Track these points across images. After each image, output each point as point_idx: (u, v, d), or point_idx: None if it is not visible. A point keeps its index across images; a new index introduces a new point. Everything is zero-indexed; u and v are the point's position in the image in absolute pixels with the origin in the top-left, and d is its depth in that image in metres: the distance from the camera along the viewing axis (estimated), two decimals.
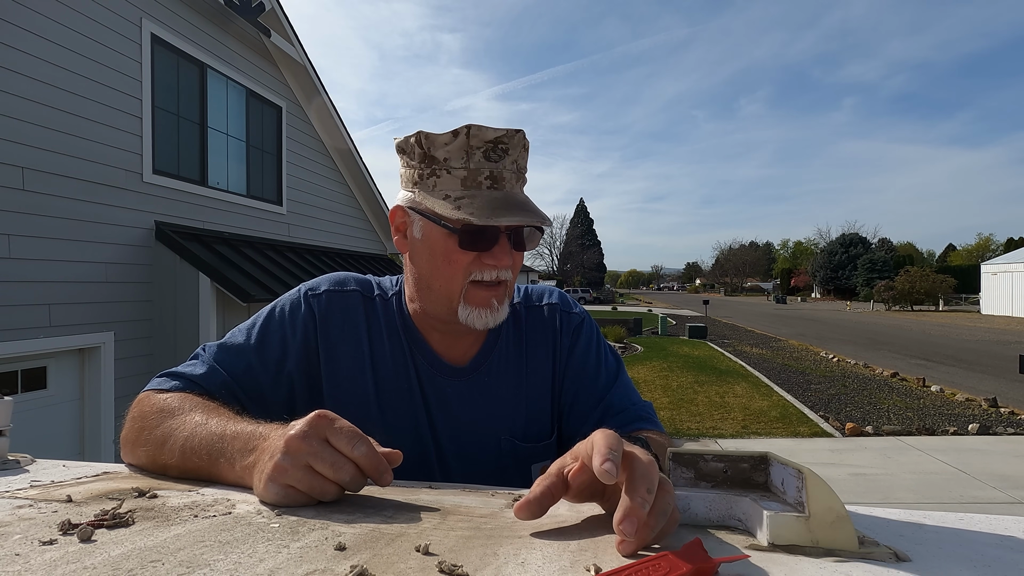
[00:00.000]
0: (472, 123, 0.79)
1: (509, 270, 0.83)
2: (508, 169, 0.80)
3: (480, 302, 0.82)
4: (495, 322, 0.84)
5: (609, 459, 0.47)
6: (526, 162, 0.84)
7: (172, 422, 0.71)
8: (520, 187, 0.83)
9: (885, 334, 20.21)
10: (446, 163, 0.80)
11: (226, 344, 0.87)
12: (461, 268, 0.81)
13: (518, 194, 0.82)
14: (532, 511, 0.50)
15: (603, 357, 0.97)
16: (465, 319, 0.83)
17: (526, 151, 0.83)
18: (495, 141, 0.79)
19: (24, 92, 3.82)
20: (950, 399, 9.10)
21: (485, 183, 0.79)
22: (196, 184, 5.47)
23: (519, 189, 0.83)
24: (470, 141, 0.78)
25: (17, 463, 0.71)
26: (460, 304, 0.82)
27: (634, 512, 0.45)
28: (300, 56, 6.93)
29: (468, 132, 0.78)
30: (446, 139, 0.80)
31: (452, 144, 0.79)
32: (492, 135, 0.78)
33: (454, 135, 0.79)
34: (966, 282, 45.92)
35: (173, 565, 0.42)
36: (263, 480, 0.56)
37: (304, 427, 0.57)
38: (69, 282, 4.17)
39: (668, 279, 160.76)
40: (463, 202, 0.78)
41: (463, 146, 0.79)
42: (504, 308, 0.85)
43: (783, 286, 77.82)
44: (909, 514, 0.55)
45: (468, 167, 0.79)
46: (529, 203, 0.81)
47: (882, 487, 5.31)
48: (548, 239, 77.05)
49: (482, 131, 0.78)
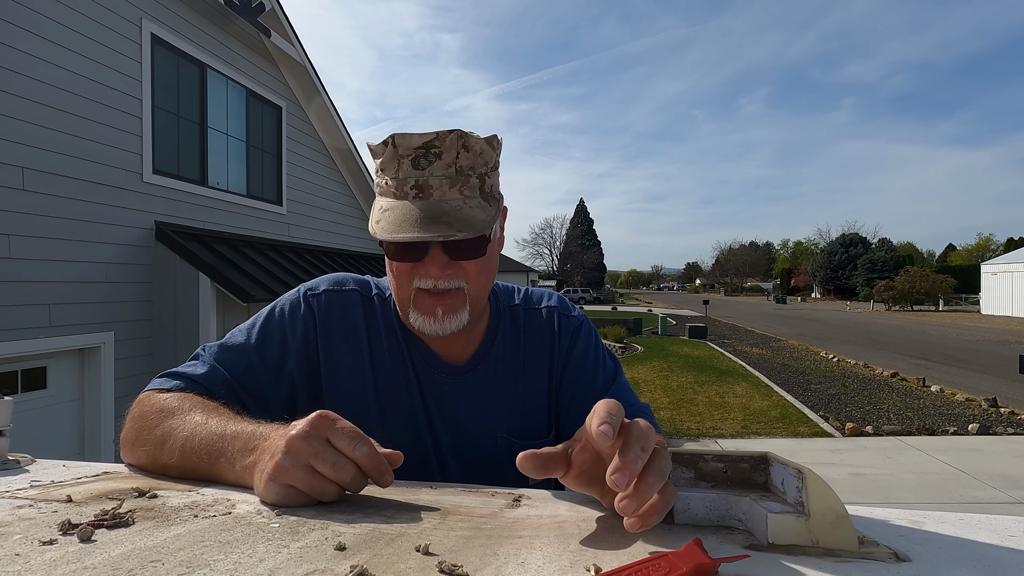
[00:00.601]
0: (398, 132, 0.78)
1: (455, 278, 0.80)
2: (438, 175, 0.77)
3: (425, 310, 0.82)
4: (444, 330, 0.82)
5: (607, 422, 0.47)
6: (476, 158, 0.79)
7: (172, 422, 0.71)
8: (460, 190, 0.78)
9: (885, 334, 20.21)
10: (383, 174, 0.80)
11: (226, 344, 0.88)
12: (404, 276, 0.82)
13: (445, 202, 0.77)
14: (533, 462, 0.52)
15: (601, 360, 0.97)
16: (416, 325, 0.83)
17: (470, 149, 0.78)
18: (424, 147, 0.77)
19: (24, 92, 3.82)
20: (950, 399, 9.10)
21: (411, 193, 0.78)
22: (196, 184, 5.47)
23: (455, 194, 0.78)
24: (397, 151, 0.78)
25: (17, 463, 0.71)
26: (411, 310, 0.83)
27: (626, 465, 0.45)
28: (300, 56, 6.93)
29: (394, 141, 0.78)
30: (379, 150, 0.80)
31: (384, 155, 0.79)
32: (418, 141, 0.77)
33: (384, 145, 0.79)
34: (966, 282, 45.93)
35: (173, 565, 0.42)
36: (264, 480, 0.56)
37: (305, 427, 0.57)
38: (69, 282, 4.17)
39: (668, 279, 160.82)
40: (384, 215, 0.78)
41: (393, 156, 0.78)
42: (458, 317, 0.82)
43: (783, 286, 77.85)
44: (909, 514, 0.55)
45: (398, 177, 0.78)
46: (452, 212, 0.76)
47: (882, 487, 5.31)
48: (548, 239, 77.10)
49: (407, 138, 0.77)
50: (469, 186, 0.79)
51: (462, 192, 0.78)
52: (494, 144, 0.82)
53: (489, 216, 0.79)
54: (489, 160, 0.81)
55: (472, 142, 0.78)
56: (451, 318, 0.82)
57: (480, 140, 0.79)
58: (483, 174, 0.81)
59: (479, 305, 0.86)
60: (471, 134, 0.78)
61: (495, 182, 0.84)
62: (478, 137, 0.79)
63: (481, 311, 0.90)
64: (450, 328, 0.82)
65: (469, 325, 0.85)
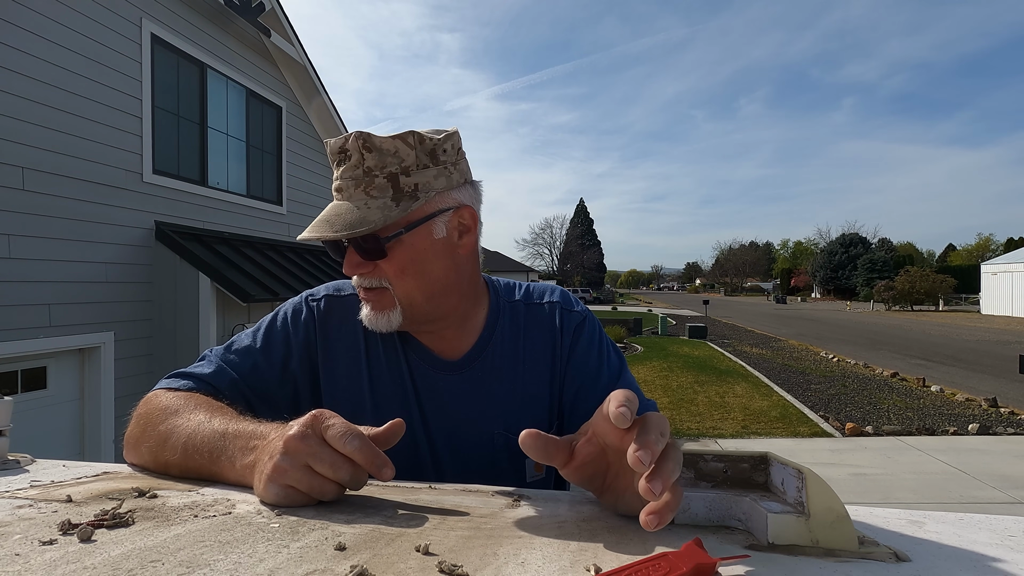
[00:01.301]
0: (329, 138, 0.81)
1: (374, 277, 0.82)
2: (347, 177, 0.79)
3: (363, 306, 0.86)
4: (380, 327, 0.84)
5: (625, 405, 0.47)
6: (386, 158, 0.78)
7: (176, 420, 0.71)
8: (364, 191, 0.79)
9: (885, 334, 20.21)
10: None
11: (233, 346, 0.90)
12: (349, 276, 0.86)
13: (346, 203, 0.79)
14: (536, 442, 0.52)
15: (605, 356, 0.96)
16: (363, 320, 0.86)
17: (374, 150, 0.78)
18: (339, 151, 0.80)
19: (24, 92, 3.82)
20: (950, 399, 9.10)
21: (335, 195, 0.82)
22: (196, 184, 5.47)
23: (360, 195, 0.79)
24: (329, 155, 0.82)
25: (17, 463, 0.71)
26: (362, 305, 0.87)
27: (649, 445, 0.44)
28: (300, 56, 6.93)
29: (328, 147, 0.82)
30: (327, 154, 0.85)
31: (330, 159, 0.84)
32: (336, 145, 0.80)
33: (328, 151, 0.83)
34: (966, 282, 45.94)
35: (173, 565, 0.42)
36: (263, 481, 0.56)
37: (301, 427, 0.57)
38: (69, 282, 4.17)
39: (668, 279, 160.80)
40: None
41: (331, 159, 0.83)
42: (387, 316, 0.83)
43: (783, 286, 77.84)
44: (909, 514, 0.55)
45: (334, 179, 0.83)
46: (345, 213, 0.78)
47: (882, 487, 5.31)
48: (548, 239, 77.11)
49: (331, 143, 0.81)
50: (376, 187, 0.79)
51: (368, 192, 0.79)
52: (410, 142, 0.79)
53: (385, 216, 0.77)
54: (405, 158, 0.79)
55: (377, 142, 0.78)
56: (380, 316, 0.84)
57: (389, 139, 0.78)
58: (395, 173, 0.79)
59: (415, 308, 0.84)
60: (375, 135, 0.78)
61: (423, 180, 0.80)
62: (386, 137, 0.79)
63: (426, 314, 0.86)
64: (382, 326, 0.84)
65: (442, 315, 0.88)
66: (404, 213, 0.78)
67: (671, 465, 0.46)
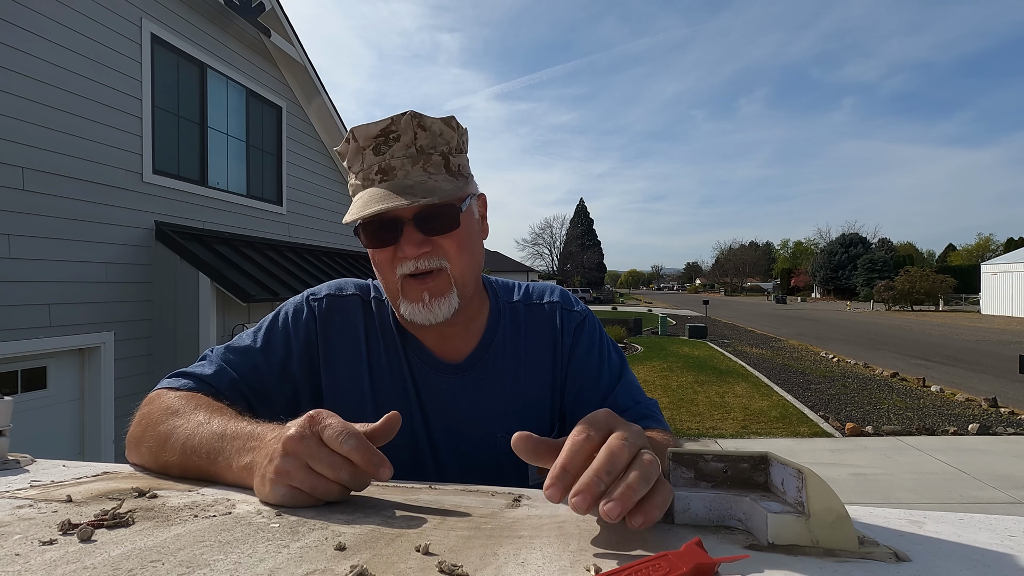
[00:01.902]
0: (356, 125, 0.79)
1: (434, 257, 0.80)
2: (399, 156, 0.78)
3: (413, 296, 0.82)
4: (435, 316, 0.81)
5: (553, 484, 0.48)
6: (436, 137, 0.80)
7: (176, 421, 0.71)
8: (423, 168, 0.79)
9: (885, 334, 20.21)
10: (351, 171, 0.82)
11: (233, 346, 0.90)
12: (386, 265, 0.82)
13: (410, 178, 0.77)
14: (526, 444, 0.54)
15: (606, 355, 0.96)
16: (409, 315, 0.83)
17: (427, 128, 0.79)
18: (382, 133, 0.79)
19: (24, 92, 3.82)
20: (950, 399, 9.10)
21: (376, 178, 0.79)
22: (196, 184, 5.47)
23: (419, 171, 0.78)
24: (359, 143, 0.80)
25: (17, 463, 0.71)
26: (400, 300, 0.83)
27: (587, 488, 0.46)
28: (300, 56, 6.93)
29: (353, 135, 0.80)
30: (343, 148, 0.82)
31: (348, 151, 0.81)
32: (375, 129, 0.79)
33: (346, 141, 0.81)
34: (966, 282, 45.92)
35: (173, 565, 0.42)
36: (266, 483, 0.56)
37: (299, 428, 0.57)
38: (69, 282, 4.17)
39: (668, 279, 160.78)
40: (353, 205, 0.80)
41: (356, 150, 0.80)
42: (446, 301, 0.81)
43: (783, 286, 77.83)
44: (909, 514, 0.55)
45: (363, 167, 0.80)
46: (418, 184, 0.77)
47: (882, 487, 5.31)
48: (548, 239, 77.10)
49: (365, 128, 0.79)
50: (432, 163, 0.79)
51: (425, 169, 0.79)
52: (452, 125, 0.81)
53: (456, 187, 0.79)
54: (451, 140, 0.82)
55: (428, 122, 0.79)
56: (439, 302, 0.81)
57: (437, 120, 0.80)
58: (445, 153, 0.81)
59: (466, 290, 0.85)
60: (426, 115, 0.79)
61: (462, 163, 0.84)
62: (434, 118, 0.80)
63: (471, 297, 0.88)
64: (440, 313, 0.81)
65: (460, 313, 0.85)
66: (465, 187, 0.81)
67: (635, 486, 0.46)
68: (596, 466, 0.47)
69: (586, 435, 0.51)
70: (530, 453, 0.54)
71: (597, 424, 0.53)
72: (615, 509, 0.44)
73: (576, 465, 0.49)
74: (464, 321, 0.90)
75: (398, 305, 0.84)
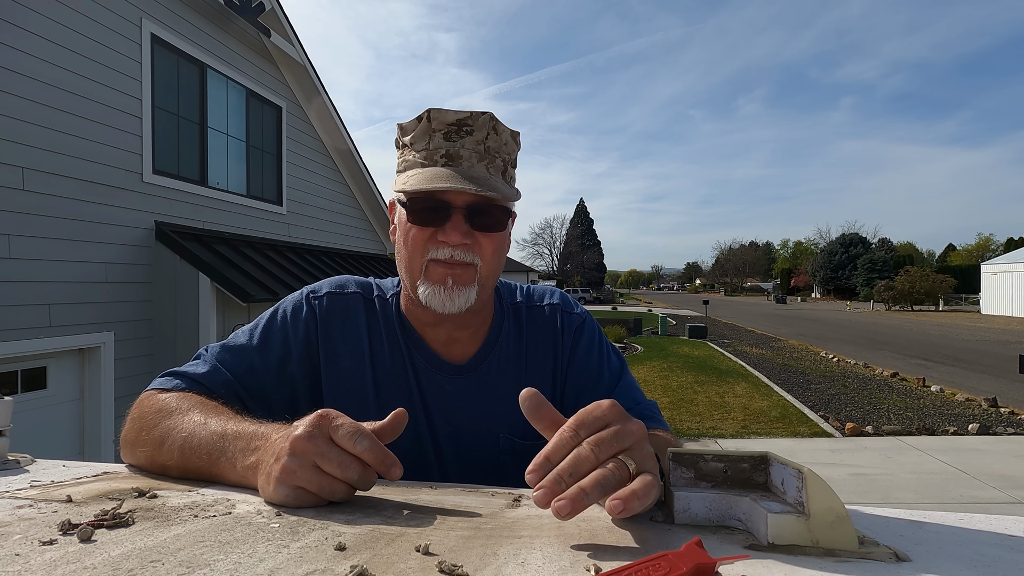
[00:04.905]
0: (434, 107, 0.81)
1: (470, 252, 0.81)
2: (468, 148, 0.80)
3: (436, 279, 0.81)
4: (452, 303, 0.81)
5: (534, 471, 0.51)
6: (503, 145, 0.83)
7: (171, 421, 0.70)
8: (486, 167, 0.80)
9: (885, 334, 20.21)
10: (412, 147, 0.82)
11: (229, 345, 0.88)
12: (420, 245, 0.82)
13: (475, 170, 0.79)
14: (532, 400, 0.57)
15: (606, 357, 0.96)
16: (425, 298, 0.82)
17: (499, 134, 0.82)
18: (457, 123, 0.80)
19: (24, 92, 3.82)
20: (950, 399, 9.10)
21: (441, 160, 0.80)
22: (196, 184, 5.47)
23: (482, 168, 0.80)
24: (432, 124, 0.80)
25: (17, 463, 0.71)
26: (421, 281, 0.83)
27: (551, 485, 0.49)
28: (300, 56, 6.93)
29: (429, 116, 0.80)
30: (411, 125, 0.83)
31: (417, 129, 0.82)
32: (453, 117, 0.80)
33: (418, 120, 0.82)
34: (966, 282, 45.94)
35: (173, 565, 0.42)
36: (272, 483, 0.56)
37: (308, 427, 0.57)
38: (69, 282, 4.17)
39: (668, 279, 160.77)
40: (413, 176, 0.79)
41: (426, 130, 0.81)
42: (467, 292, 0.81)
43: (783, 286, 77.84)
44: (909, 514, 0.55)
45: (428, 148, 0.80)
46: (483, 178, 0.78)
47: (882, 487, 5.31)
48: (548, 239, 77.08)
49: (443, 113, 0.80)
50: (495, 166, 0.82)
51: (488, 169, 0.81)
52: (517, 140, 0.86)
53: (512, 194, 0.82)
54: (512, 152, 0.85)
55: (501, 128, 0.82)
56: (460, 291, 0.81)
57: (508, 130, 0.83)
58: (507, 161, 0.84)
59: (485, 292, 0.86)
60: (500, 122, 0.82)
61: (514, 176, 0.88)
62: (507, 127, 0.83)
63: (487, 300, 0.89)
64: (458, 303, 0.81)
65: (472, 315, 0.86)
66: (518, 197, 0.84)
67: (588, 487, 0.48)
68: (561, 467, 0.50)
69: (574, 432, 0.53)
70: (532, 410, 0.56)
71: (592, 422, 0.54)
72: (565, 508, 0.46)
73: (559, 459, 0.51)
74: (474, 324, 0.91)
75: (416, 286, 0.83)
